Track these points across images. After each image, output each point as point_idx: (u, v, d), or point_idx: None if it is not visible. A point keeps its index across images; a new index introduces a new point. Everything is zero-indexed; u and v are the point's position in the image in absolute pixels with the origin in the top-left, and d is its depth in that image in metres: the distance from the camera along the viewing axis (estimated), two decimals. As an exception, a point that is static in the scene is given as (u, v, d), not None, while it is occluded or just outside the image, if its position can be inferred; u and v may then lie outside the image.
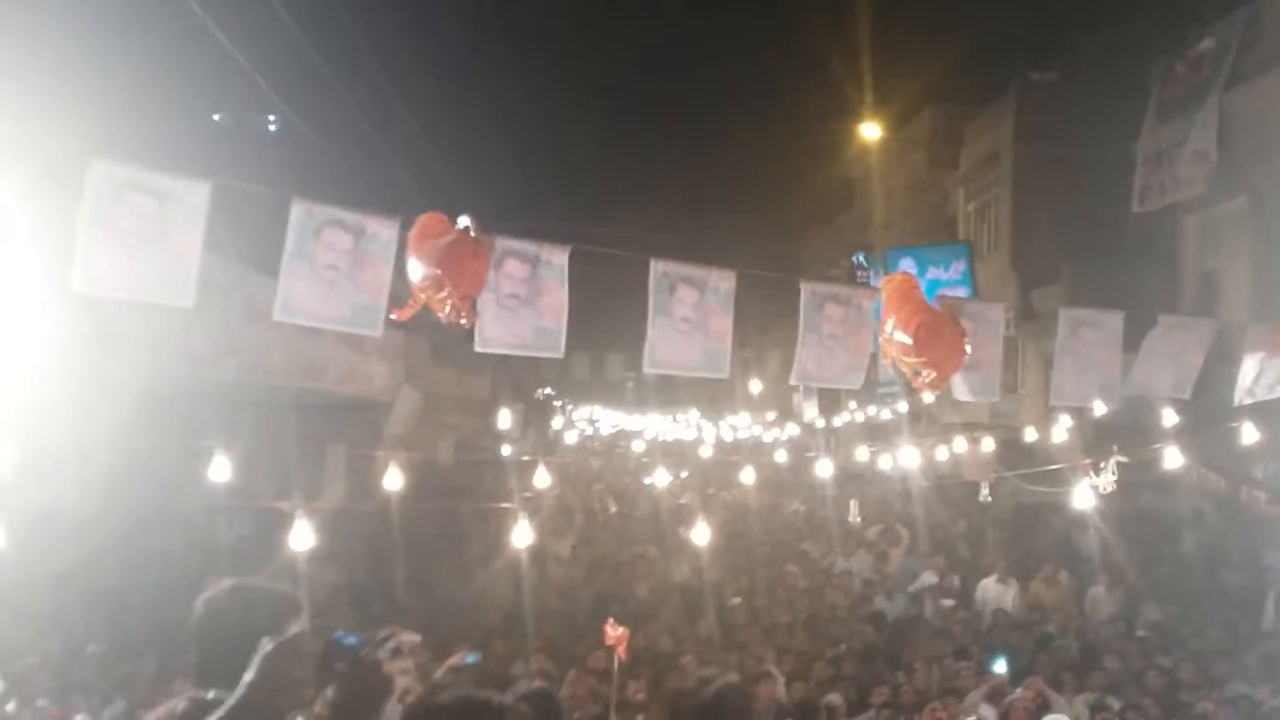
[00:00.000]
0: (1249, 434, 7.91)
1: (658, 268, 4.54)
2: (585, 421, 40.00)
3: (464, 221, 4.16)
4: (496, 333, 4.42)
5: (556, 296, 4.44)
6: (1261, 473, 11.61)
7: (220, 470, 6.18)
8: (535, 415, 34.07)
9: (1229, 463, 11.15)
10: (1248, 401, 5.55)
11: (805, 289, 4.82)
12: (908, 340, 4.78)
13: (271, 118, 22.44)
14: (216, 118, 22.67)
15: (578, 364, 38.71)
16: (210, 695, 2.57)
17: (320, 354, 12.09)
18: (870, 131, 23.01)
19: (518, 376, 34.65)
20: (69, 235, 3.59)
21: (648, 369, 4.58)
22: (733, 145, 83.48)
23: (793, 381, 4.90)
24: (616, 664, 6.34)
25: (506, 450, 16.26)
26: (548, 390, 39.75)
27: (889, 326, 4.92)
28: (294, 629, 2.63)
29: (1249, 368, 5.45)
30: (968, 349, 4.76)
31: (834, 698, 7.87)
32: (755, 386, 33.50)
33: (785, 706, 7.30)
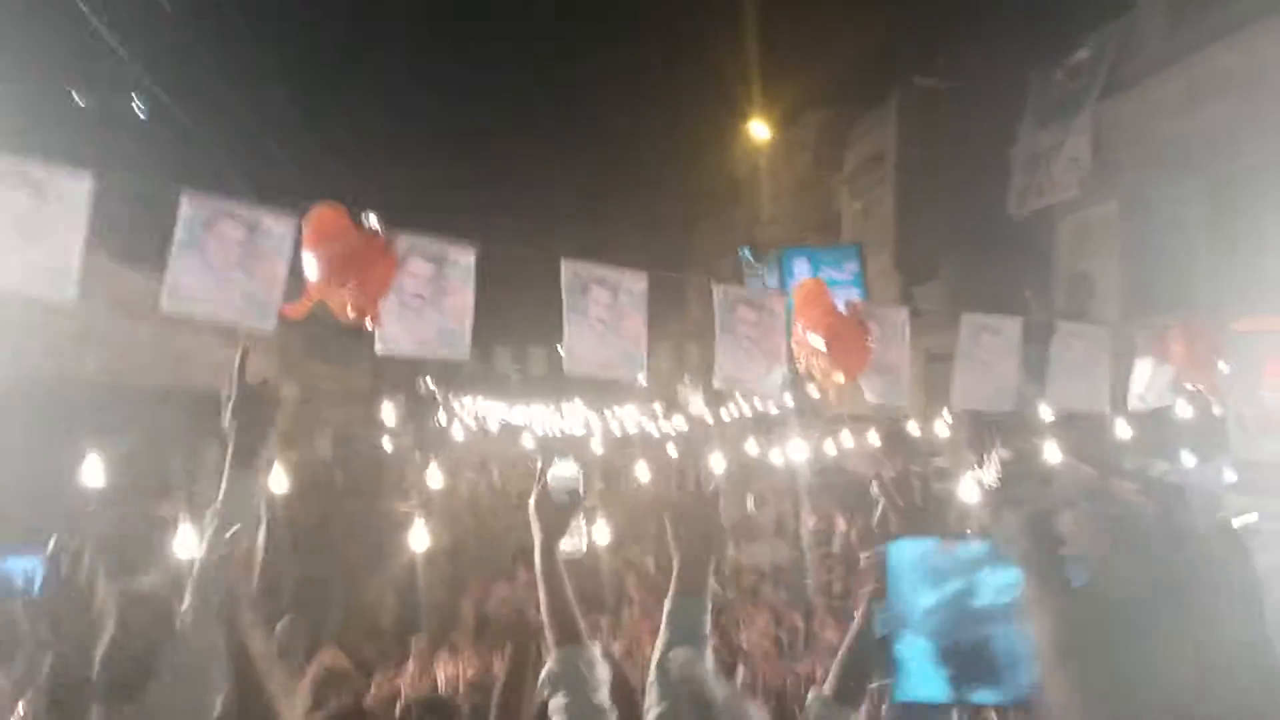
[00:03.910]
0: (1121, 430, 8.21)
1: (569, 268, 4.41)
2: (471, 417, 39.28)
3: (371, 220, 3.96)
4: (398, 333, 4.23)
5: (461, 297, 4.25)
6: (1130, 465, 12.13)
7: (93, 472, 5.76)
8: (417, 408, 33.42)
9: (1100, 456, 11.61)
10: (1141, 409, 5.59)
11: (717, 290, 4.73)
12: (820, 343, 4.77)
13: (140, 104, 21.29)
14: (81, 103, 21.44)
15: (463, 356, 37.95)
16: None
17: (190, 348, 11.57)
18: (759, 132, 23.24)
19: (397, 368, 33.91)
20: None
21: (568, 370, 4.43)
22: (626, 142, 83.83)
23: (715, 385, 4.80)
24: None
25: (388, 444, 15.82)
26: (428, 379, 39.04)
27: (800, 329, 4.89)
28: None
29: (1140, 374, 5.49)
30: (871, 347, 4.76)
31: None
32: (643, 378, 33.47)
33: None
